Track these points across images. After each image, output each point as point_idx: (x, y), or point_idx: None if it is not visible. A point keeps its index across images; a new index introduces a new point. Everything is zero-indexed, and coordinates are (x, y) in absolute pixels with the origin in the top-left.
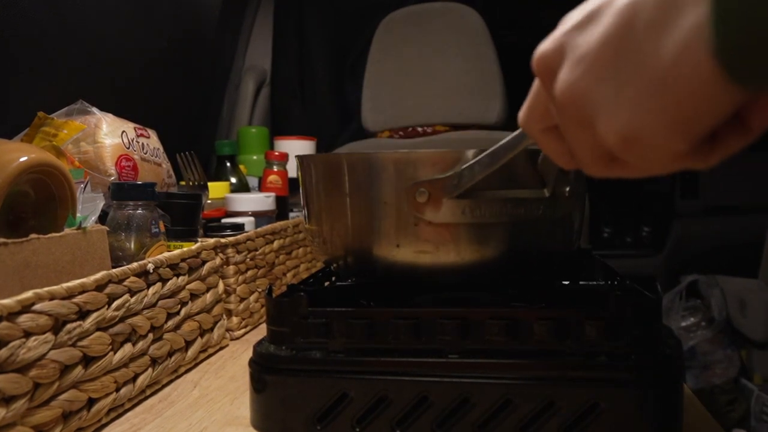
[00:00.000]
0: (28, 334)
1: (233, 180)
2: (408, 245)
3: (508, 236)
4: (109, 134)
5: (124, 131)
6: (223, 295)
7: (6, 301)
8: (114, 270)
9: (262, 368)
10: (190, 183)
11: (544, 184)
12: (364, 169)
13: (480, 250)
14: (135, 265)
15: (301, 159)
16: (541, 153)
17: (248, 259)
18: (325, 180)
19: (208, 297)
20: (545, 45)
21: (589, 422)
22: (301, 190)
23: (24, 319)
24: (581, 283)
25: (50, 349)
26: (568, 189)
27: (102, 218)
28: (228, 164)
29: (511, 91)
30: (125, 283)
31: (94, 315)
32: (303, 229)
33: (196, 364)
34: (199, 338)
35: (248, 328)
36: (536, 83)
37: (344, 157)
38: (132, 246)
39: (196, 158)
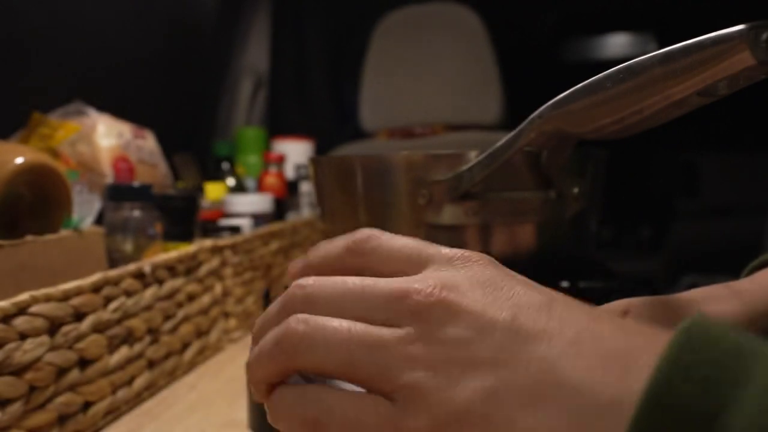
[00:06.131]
0: (23, 336)
1: (230, 181)
2: None
3: (513, 238)
4: (106, 136)
5: (120, 132)
6: (221, 297)
7: (1, 304)
8: (110, 272)
9: None
10: (187, 184)
11: (550, 185)
12: (370, 171)
13: (484, 252)
14: (132, 266)
15: (315, 160)
16: (544, 152)
17: (246, 261)
18: (333, 181)
19: (206, 299)
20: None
21: None
22: (314, 190)
23: (20, 322)
24: (580, 284)
25: (46, 352)
26: (576, 190)
27: (98, 220)
28: (225, 165)
29: (509, 91)
30: (122, 285)
31: (91, 317)
32: (318, 229)
33: (194, 367)
34: (196, 340)
35: (245, 331)
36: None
37: (356, 159)
38: (128, 248)
39: (193, 159)
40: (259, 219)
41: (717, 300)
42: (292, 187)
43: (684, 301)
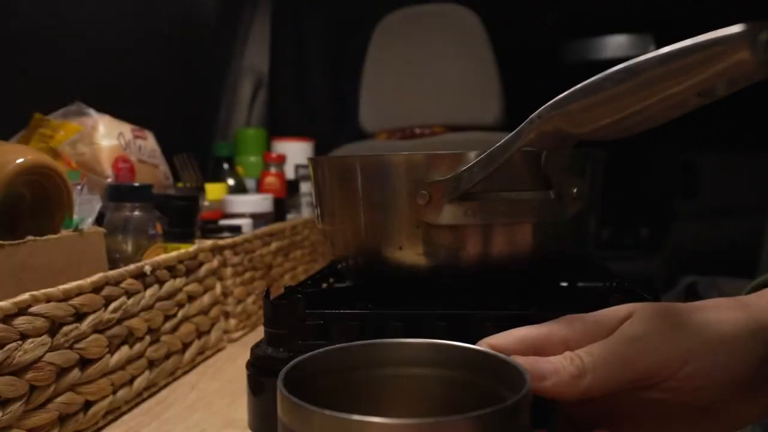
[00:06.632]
0: (24, 336)
1: (231, 181)
2: (410, 247)
3: (512, 238)
4: (106, 136)
5: (121, 133)
6: (221, 297)
7: (2, 304)
8: (111, 272)
9: (259, 371)
10: (187, 185)
11: (549, 185)
12: (370, 171)
13: (483, 252)
14: (132, 267)
15: (314, 160)
16: (543, 153)
17: (246, 261)
18: (333, 181)
19: (206, 299)
20: None
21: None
22: (313, 190)
23: (20, 322)
24: (579, 284)
25: (47, 352)
26: (576, 190)
27: (99, 220)
28: (225, 166)
29: (509, 91)
30: (122, 285)
31: (91, 317)
32: (317, 229)
33: (194, 367)
34: (197, 340)
35: (246, 331)
36: None
37: (355, 159)
38: (129, 248)
39: (193, 160)
40: (259, 219)
41: (721, 308)
42: (292, 187)
43: (688, 308)
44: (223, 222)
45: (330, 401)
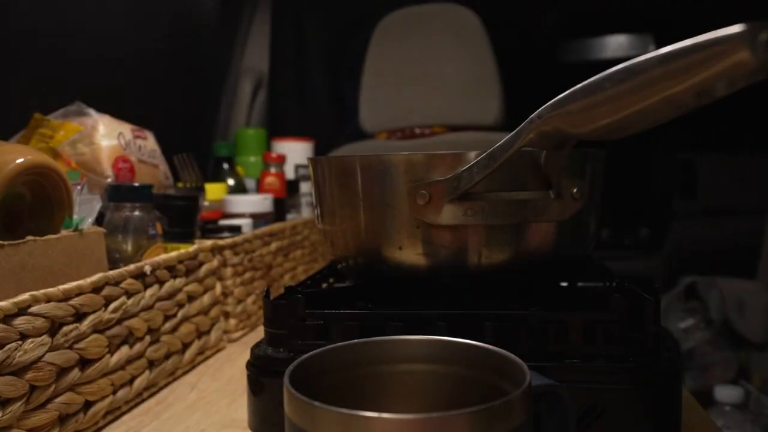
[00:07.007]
0: (24, 336)
1: (231, 181)
2: (410, 247)
3: (512, 238)
4: (106, 136)
5: (120, 133)
6: (221, 297)
7: (2, 304)
8: (111, 272)
9: (259, 371)
10: (187, 185)
11: (549, 185)
12: (370, 171)
13: (483, 252)
14: (132, 267)
15: (314, 160)
16: (543, 153)
17: (246, 261)
18: (333, 181)
19: (206, 299)
20: None
21: (588, 424)
22: (313, 190)
23: (20, 322)
24: (579, 284)
25: (46, 352)
26: (576, 190)
27: (99, 220)
28: (225, 166)
29: (509, 92)
30: (122, 285)
31: (91, 317)
32: (317, 229)
33: (194, 367)
34: (197, 340)
35: (246, 331)
36: None
37: (355, 159)
38: (129, 248)
39: (193, 159)
40: (259, 219)
41: None
42: (292, 187)
43: None
44: (223, 222)
45: (335, 398)
